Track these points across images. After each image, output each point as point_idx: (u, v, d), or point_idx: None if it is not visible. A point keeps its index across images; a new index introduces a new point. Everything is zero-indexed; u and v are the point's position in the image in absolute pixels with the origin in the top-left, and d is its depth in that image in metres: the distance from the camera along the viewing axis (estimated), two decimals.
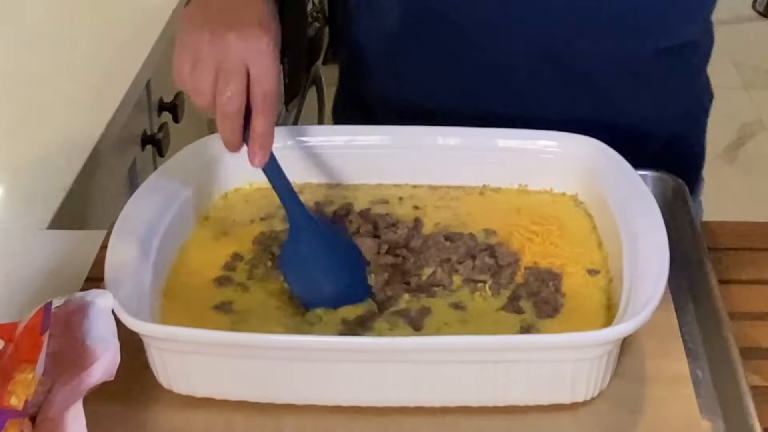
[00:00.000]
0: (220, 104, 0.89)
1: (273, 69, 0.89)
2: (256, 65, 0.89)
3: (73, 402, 0.78)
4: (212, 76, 0.89)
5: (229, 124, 0.89)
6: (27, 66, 1.49)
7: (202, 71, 0.89)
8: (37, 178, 1.24)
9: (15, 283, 1.03)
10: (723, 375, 0.89)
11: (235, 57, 0.88)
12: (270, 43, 0.90)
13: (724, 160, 2.79)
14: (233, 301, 0.92)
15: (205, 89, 0.89)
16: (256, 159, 0.91)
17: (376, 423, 0.85)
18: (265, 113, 0.89)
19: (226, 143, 0.91)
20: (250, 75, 0.89)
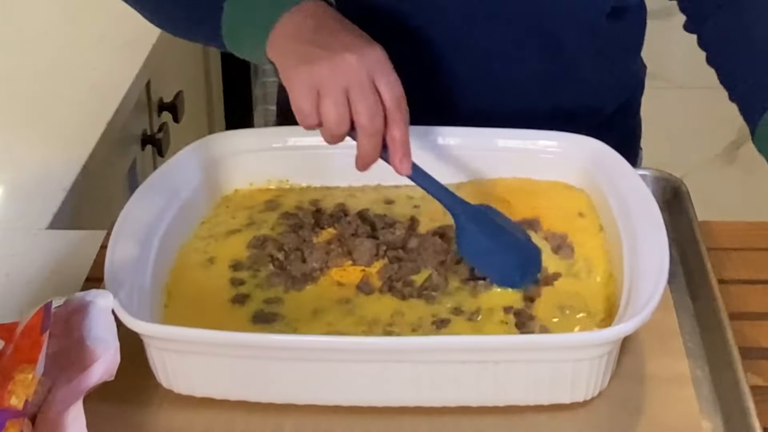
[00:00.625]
0: (362, 126, 0.87)
1: (396, 75, 0.89)
2: (382, 76, 0.88)
3: (73, 402, 0.78)
4: (344, 100, 0.87)
5: (374, 142, 0.88)
6: (27, 66, 1.49)
7: (333, 99, 0.87)
8: (37, 178, 1.24)
9: (15, 283, 1.03)
10: (723, 375, 0.89)
11: (363, 74, 0.87)
12: (383, 51, 0.89)
13: (724, 160, 2.80)
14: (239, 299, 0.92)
15: (341, 117, 0.87)
16: (403, 168, 0.90)
17: (376, 423, 0.85)
18: (402, 121, 0.89)
19: (365, 158, 0.90)
20: (378, 87, 0.88)
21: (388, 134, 0.89)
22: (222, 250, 0.97)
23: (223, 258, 0.96)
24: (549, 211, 1.00)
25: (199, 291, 0.93)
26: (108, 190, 1.38)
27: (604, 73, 1.16)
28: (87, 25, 1.59)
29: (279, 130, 1.08)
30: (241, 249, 0.97)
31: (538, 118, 1.07)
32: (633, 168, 1.00)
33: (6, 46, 1.54)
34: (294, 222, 1.00)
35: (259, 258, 0.96)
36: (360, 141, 0.89)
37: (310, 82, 0.87)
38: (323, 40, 0.89)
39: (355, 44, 0.89)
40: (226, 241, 0.99)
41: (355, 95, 0.87)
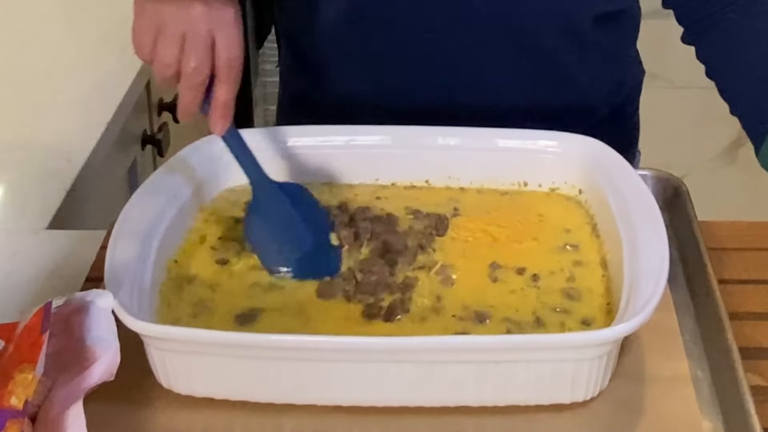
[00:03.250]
0: (186, 75, 0.89)
1: (238, 38, 0.90)
2: (222, 34, 0.89)
3: (73, 402, 0.78)
4: (177, 46, 0.89)
5: (193, 94, 0.90)
6: (27, 66, 1.49)
7: (167, 41, 0.89)
8: (37, 178, 1.24)
9: (15, 283, 1.03)
10: (723, 375, 0.89)
11: (202, 27, 0.89)
12: (236, 13, 0.90)
13: (724, 160, 2.80)
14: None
15: (170, 60, 0.89)
16: (218, 127, 0.92)
17: (376, 423, 0.85)
18: (229, 82, 0.91)
19: (183, 111, 0.92)
20: (216, 44, 0.89)
21: (214, 92, 0.91)
22: (222, 250, 0.97)
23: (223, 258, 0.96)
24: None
25: (199, 291, 0.93)
26: (108, 190, 1.38)
27: (594, 75, 1.16)
28: (87, 25, 1.59)
29: (279, 130, 1.08)
30: (241, 247, 0.97)
31: (531, 118, 1.07)
32: (633, 168, 1.00)
33: (6, 46, 1.54)
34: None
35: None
36: (180, 89, 0.90)
37: (153, 18, 0.90)
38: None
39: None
40: (226, 240, 0.99)
41: (188, 44, 0.89)
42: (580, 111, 1.16)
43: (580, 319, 0.89)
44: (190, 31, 0.89)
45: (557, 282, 0.93)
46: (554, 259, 0.96)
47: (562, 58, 1.13)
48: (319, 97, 1.19)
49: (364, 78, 1.14)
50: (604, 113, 1.19)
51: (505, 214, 1.01)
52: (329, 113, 1.12)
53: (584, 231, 0.99)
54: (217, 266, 0.95)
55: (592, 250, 0.96)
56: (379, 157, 1.05)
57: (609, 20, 1.14)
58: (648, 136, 1.31)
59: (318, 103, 1.20)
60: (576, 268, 0.94)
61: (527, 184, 1.05)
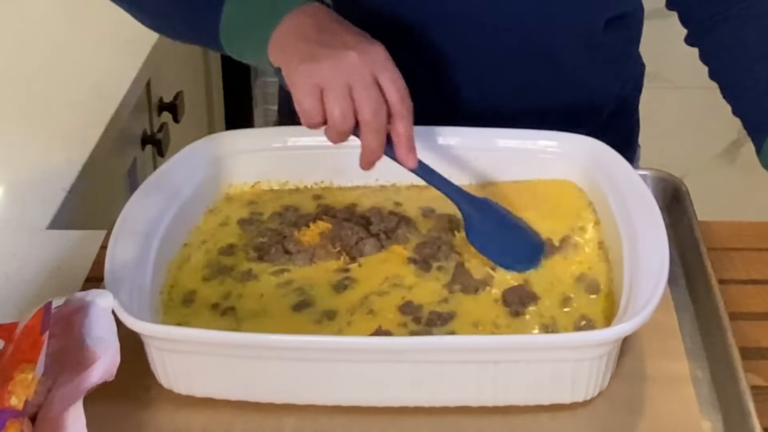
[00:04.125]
0: (366, 122, 0.88)
1: (398, 72, 0.89)
2: (384, 73, 0.88)
3: (73, 402, 0.78)
4: (347, 97, 0.87)
5: (378, 139, 0.89)
6: (27, 66, 1.49)
7: (336, 97, 0.87)
8: (37, 178, 1.24)
9: (15, 283, 1.03)
10: (723, 375, 0.89)
11: (365, 71, 0.87)
12: (385, 49, 0.90)
13: (724, 160, 2.80)
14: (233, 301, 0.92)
15: (345, 113, 0.88)
16: (408, 162, 0.92)
17: (376, 423, 0.85)
18: (406, 116, 0.90)
19: (370, 156, 0.90)
20: (381, 83, 0.88)
21: (392, 129, 0.90)
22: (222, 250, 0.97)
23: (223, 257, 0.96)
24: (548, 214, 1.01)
25: (199, 291, 0.93)
26: (108, 190, 1.38)
27: (601, 76, 1.16)
28: (87, 25, 1.59)
29: (279, 130, 1.08)
30: (241, 247, 0.97)
31: (535, 119, 1.07)
32: (633, 168, 1.00)
33: (6, 46, 1.54)
34: (289, 220, 1.00)
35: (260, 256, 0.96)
36: (364, 137, 0.89)
37: (313, 80, 0.87)
38: (325, 39, 0.89)
39: (357, 42, 0.89)
40: (226, 240, 0.99)
41: (358, 92, 0.87)
42: (587, 111, 1.15)
43: (580, 318, 0.89)
44: (355, 80, 0.87)
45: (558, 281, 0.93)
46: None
47: (572, 60, 1.13)
48: None
49: None
50: (609, 111, 1.19)
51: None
52: None
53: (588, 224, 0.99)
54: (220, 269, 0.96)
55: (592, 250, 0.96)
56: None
57: (617, 22, 1.14)
58: (648, 135, 1.31)
59: None
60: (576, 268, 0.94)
61: (527, 183, 1.05)
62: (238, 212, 1.02)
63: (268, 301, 0.91)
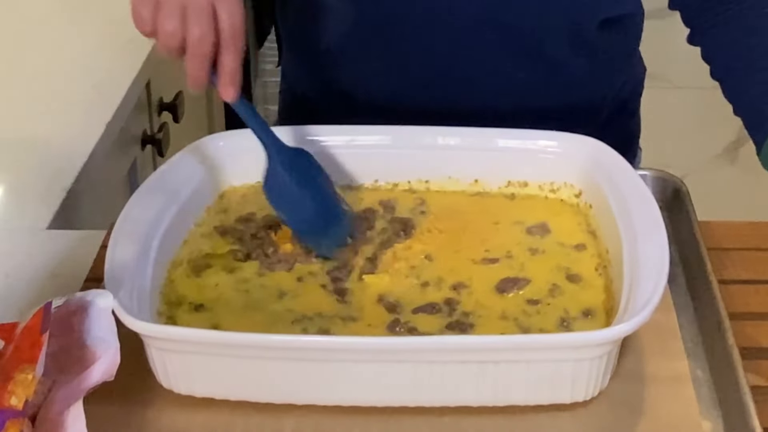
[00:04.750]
0: (191, 44, 0.90)
1: (239, 7, 0.91)
2: (223, 4, 0.90)
3: (73, 402, 0.78)
4: (179, 16, 0.89)
5: (199, 63, 0.91)
6: (27, 66, 1.49)
7: (168, 12, 0.89)
8: (37, 178, 1.24)
9: (15, 283, 1.03)
10: (723, 375, 0.89)
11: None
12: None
13: (724, 160, 2.80)
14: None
15: (173, 30, 0.89)
16: (228, 94, 0.93)
17: (376, 423, 0.85)
18: (235, 50, 0.91)
19: (193, 81, 0.92)
20: (218, 13, 0.90)
21: (218, 59, 0.91)
22: (222, 249, 0.97)
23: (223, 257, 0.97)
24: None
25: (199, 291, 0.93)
26: (108, 190, 1.38)
27: (599, 78, 1.16)
28: (87, 25, 1.59)
29: (279, 130, 1.08)
30: (241, 247, 0.97)
31: (532, 119, 1.07)
32: (633, 168, 1.00)
33: (6, 46, 1.54)
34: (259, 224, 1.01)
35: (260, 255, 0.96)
36: (186, 60, 0.91)
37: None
38: None
39: None
40: (226, 239, 0.99)
41: (189, 14, 0.89)
42: (585, 112, 1.16)
43: (580, 318, 0.89)
44: (189, 2, 0.89)
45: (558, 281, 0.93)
46: (554, 257, 0.96)
47: (568, 62, 1.13)
48: (320, 97, 1.19)
49: (368, 79, 1.14)
50: (609, 112, 1.19)
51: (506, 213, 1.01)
52: (330, 113, 1.12)
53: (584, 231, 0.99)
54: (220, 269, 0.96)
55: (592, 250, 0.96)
56: (379, 157, 1.05)
57: (614, 24, 1.14)
58: (648, 136, 1.31)
59: (318, 104, 1.20)
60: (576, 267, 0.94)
61: (527, 184, 1.05)
62: (238, 211, 1.02)
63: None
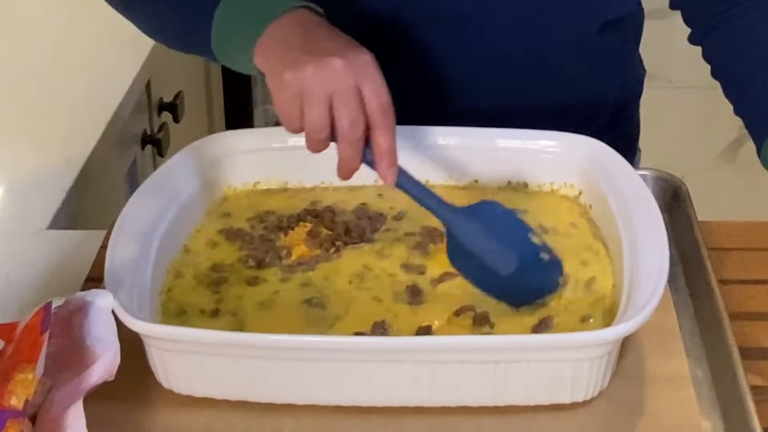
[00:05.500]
0: (343, 132, 0.86)
1: (383, 81, 0.87)
2: (368, 82, 0.86)
3: (73, 402, 0.78)
4: (326, 108, 0.86)
5: (354, 150, 0.87)
6: (27, 66, 1.49)
7: (315, 105, 0.86)
8: (37, 178, 1.24)
9: (15, 283, 1.03)
10: (723, 375, 0.89)
11: (347, 81, 0.86)
12: (373, 58, 0.88)
13: (724, 160, 2.80)
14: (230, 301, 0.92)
15: (323, 122, 0.86)
16: (388, 177, 0.88)
17: (376, 423, 0.85)
18: (387, 128, 0.87)
19: (347, 170, 0.89)
20: (364, 93, 0.86)
21: (373, 142, 0.87)
22: (222, 249, 0.97)
23: (224, 257, 0.96)
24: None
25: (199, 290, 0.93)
26: (108, 190, 1.38)
27: (599, 79, 1.16)
28: (87, 25, 1.59)
29: (279, 130, 1.07)
30: (241, 246, 0.97)
31: (531, 120, 1.07)
32: (633, 168, 1.00)
33: (6, 47, 1.54)
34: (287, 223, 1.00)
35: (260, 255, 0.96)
36: (339, 147, 0.87)
37: (294, 86, 0.86)
38: (310, 46, 0.88)
39: (342, 50, 0.87)
40: (226, 239, 0.99)
41: (338, 101, 0.86)
42: (585, 113, 1.16)
43: (580, 318, 0.89)
44: (336, 88, 0.85)
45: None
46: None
47: (569, 64, 1.13)
48: None
49: None
50: (608, 114, 1.19)
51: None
52: None
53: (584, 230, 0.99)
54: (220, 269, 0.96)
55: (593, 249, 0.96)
56: None
57: (614, 25, 1.14)
58: (648, 136, 1.31)
59: None
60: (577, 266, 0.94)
61: (527, 184, 1.05)
62: (238, 212, 1.02)
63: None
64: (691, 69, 1.17)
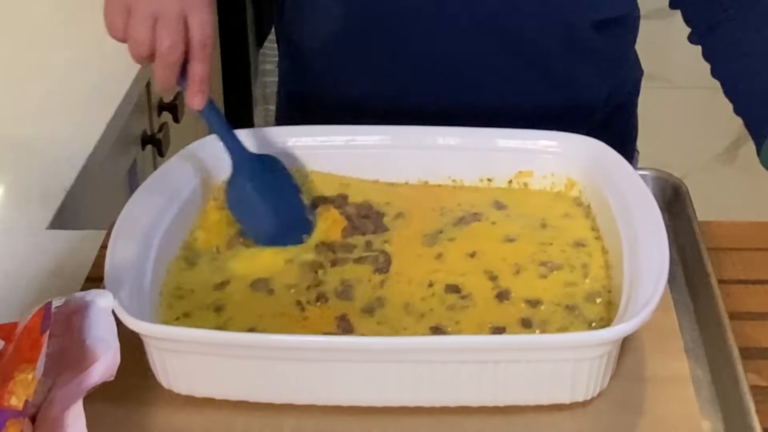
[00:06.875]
0: (160, 53, 0.92)
1: (210, 17, 0.93)
2: (195, 15, 0.92)
3: (73, 402, 0.78)
4: (150, 25, 0.91)
5: (168, 71, 0.93)
6: (27, 66, 1.49)
7: (140, 21, 0.91)
8: (37, 178, 1.24)
9: (15, 283, 1.03)
10: (723, 375, 0.89)
11: (173, 7, 0.91)
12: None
13: (724, 160, 2.80)
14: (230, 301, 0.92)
15: (143, 39, 0.91)
16: (196, 101, 0.95)
17: (376, 423, 0.85)
18: (204, 60, 0.93)
19: (160, 87, 0.94)
20: (189, 23, 0.92)
21: (189, 68, 0.93)
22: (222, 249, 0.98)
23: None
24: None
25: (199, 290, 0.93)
26: (108, 190, 1.38)
27: (594, 79, 1.16)
28: (87, 25, 1.59)
29: (279, 130, 1.08)
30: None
31: (527, 120, 1.07)
32: (633, 168, 1.00)
33: (5, 46, 1.54)
34: None
35: None
36: (155, 67, 0.93)
37: (123, 1, 0.92)
38: None
39: None
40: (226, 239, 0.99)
41: (160, 23, 0.91)
42: (580, 112, 1.16)
43: (580, 318, 0.89)
44: (161, 12, 0.91)
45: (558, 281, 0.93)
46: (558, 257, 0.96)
47: (563, 63, 1.13)
48: (319, 97, 1.19)
49: (364, 78, 1.14)
50: (604, 114, 1.19)
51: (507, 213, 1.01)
52: (329, 113, 1.12)
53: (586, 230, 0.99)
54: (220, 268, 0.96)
55: (595, 249, 0.96)
56: (379, 157, 1.05)
57: (609, 25, 1.14)
58: (648, 136, 1.31)
59: (317, 103, 1.20)
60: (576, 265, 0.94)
61: (527, 184, 1.05)
62: None
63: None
64: (691, 69, 1.17)
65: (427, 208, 1.02)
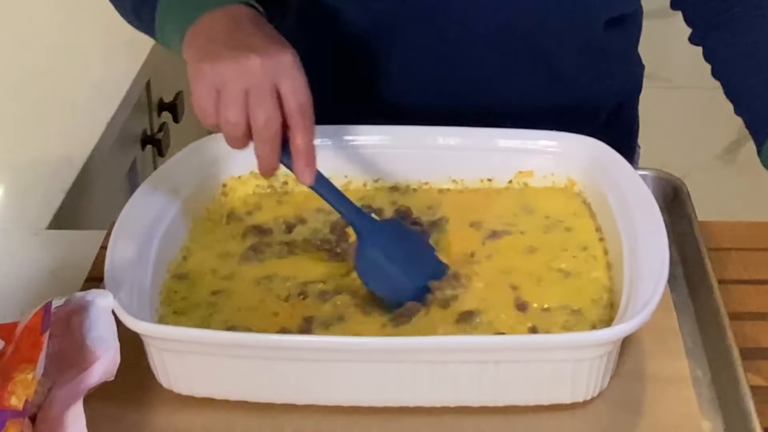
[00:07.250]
0: (257, 130, 0.85)
1: (302, 81, 0.87)
2: (287, 81, 0.86)
3: (73, 402, 0.78)
4: (242, 103, 0.85)
5: (269, 148, 0.86)
6: (27, 66, 1.49)
7: (231, 100, 0.85)
8: (37, 178, 1.24)
9: (15, 283, 1.03)
10: (723, 375, 0.89)
11: (264, 77, 0.85)
12: (294, 56, 0.87)
13: (724, 160, 2.80)
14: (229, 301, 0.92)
15: (237, 118, 0.85)
16: (305, 177, 0.88)
17: (376, 423, 0.85)
18: (305, 128, 0.87)
19: (263, 167, 0.88)
20: (282, 92, 0.86)
21: (291, 141, 0.87)
22: (222, 249, 0.97)
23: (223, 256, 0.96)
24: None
25: (199, 290, 0.93)
26: (108, 190, 1.38)
27: (600, 78, 1.16)
28: (87, 25, 1.59)
29: None
30: (240, 246, 0.97)
31: (532, 119, 1.07)
32: (633, 168, 1.00)
33: (6, 46, 1.54)
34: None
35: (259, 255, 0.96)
36: (255, 146, 0.87)
37: (212, 80, 0.85)
38: (234, 41, 0.87)
39: (263, 47, 0.86)
40: (225, 239, 0.99)
41: (253, 98, 0.85)
42: (586, 112, 1.16)
43: (583, 320, 0.89)
44: (252, 86, 0.84)
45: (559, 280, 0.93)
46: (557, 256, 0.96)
47: (573, 63, 1.13)
48: (319, 97, 1.19)
49: (366, 79, 1.14)
50: (608, 112, 1.19)
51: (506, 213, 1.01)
52: (329, 113, 1.12)
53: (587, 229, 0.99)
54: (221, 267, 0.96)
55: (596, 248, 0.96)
56: (379, 157, 1.05)
57: (617, 25, 1.14)
58: (648, 136, 1.31)
59: (318, 103, 1.19)
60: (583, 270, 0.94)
61: (527, 184, 1.05)
62: (238, 211, 1.02)
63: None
64: (691, 69, 1.17)
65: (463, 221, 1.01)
